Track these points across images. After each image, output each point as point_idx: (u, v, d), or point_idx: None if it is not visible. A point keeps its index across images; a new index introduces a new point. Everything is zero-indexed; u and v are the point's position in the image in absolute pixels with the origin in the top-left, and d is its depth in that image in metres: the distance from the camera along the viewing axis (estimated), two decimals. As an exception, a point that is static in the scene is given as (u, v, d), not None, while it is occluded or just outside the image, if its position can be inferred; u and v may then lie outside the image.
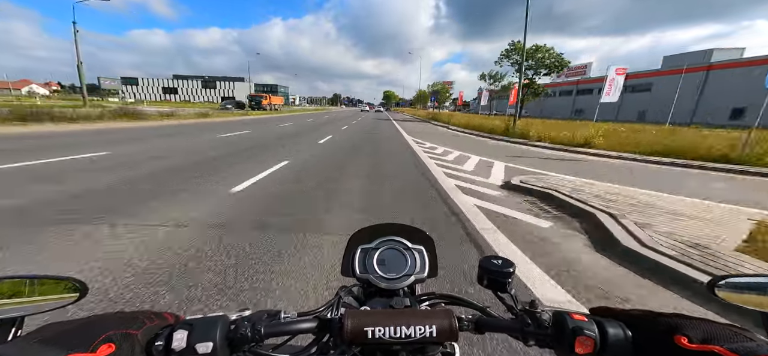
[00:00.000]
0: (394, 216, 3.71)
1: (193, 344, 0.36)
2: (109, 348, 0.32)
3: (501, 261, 0.53)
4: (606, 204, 3.85)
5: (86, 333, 0.32)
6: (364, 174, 5.98)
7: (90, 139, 8.96)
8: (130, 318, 0.37)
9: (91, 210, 3.34)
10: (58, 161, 5.76)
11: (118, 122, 14.27)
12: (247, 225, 3.11)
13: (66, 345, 0.30)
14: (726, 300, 0.43)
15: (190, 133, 12.02)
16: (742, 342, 0.31)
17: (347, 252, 0.67)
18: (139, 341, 0.35)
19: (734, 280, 0.43)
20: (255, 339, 0.41)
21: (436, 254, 0.67)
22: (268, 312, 0.46)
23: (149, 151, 7.36)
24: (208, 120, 20.37)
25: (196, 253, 2.49)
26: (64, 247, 2.51)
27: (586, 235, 3.25)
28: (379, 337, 0.39)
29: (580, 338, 0.38)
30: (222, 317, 0.40)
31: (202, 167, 5.84)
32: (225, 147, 8.72)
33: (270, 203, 3.94)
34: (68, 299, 0.41)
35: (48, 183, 4.29)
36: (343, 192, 4.59)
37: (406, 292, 0.61)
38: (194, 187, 4.45)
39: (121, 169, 5.39)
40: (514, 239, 3.07)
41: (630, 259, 2.67)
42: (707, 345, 0.32)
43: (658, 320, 0.37)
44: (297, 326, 0.45)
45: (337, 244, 2.75)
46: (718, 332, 0.33)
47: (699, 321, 0.35)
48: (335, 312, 0.51)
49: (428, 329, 0.39)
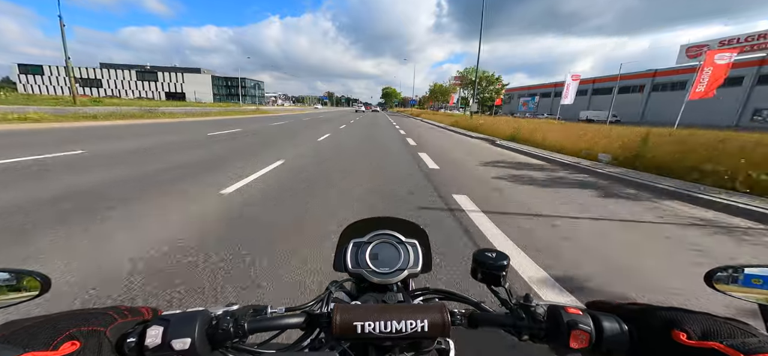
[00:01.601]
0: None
1: (169, 340, 0.34)
2: (72, 345, 0.29)
3: (495, 255, 0.53)
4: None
5: (47, 331, 0.30)
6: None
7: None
8: (98, 314, 0.35)
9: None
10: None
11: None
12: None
13: (23, 343, 0.28)
14: (724, 291, 0.42)
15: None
16: (743, 338, 0.30)
17: (339, 246, 0.65)
18: (108, 338, 0.33)
19: (733, 271, 0.43)
20: (238, 335, 0.39)
21: (430, 248, 0.66)
22: (253, 308, 0.44)
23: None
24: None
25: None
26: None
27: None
28: (369, 332, 0.37)
29: (575, 332, 0.37)
30: (202, 312, 0.38)
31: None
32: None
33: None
34: (28, 295, 0.38)
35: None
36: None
37: (399, 287, 0.60)
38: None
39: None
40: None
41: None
42: (707, 342, 0.31)
43: (656, 314, 0.36)
44: (284, 321, 0.43)
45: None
46: (717, 327, 0.32)
47: (698, 315, 0.34)
48: (325, 307, 0.49)
49: (420, 323, 0.38)
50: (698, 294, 2.02)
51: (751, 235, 3.27)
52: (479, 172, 6.15)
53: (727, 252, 2.85)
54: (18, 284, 0.38)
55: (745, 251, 2.91)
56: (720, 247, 2.93)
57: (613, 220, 3.54)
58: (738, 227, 3.51)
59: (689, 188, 4.78)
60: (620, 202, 4.31)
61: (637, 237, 3.12)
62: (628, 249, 2.80)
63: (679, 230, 3.34)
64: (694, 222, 3.60)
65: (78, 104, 20.66)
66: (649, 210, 4.01)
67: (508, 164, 7.25)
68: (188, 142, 8.47)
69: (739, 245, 3.01)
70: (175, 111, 21.83)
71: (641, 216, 3.75)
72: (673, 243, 3.01)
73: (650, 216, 3.75)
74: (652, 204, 4.29)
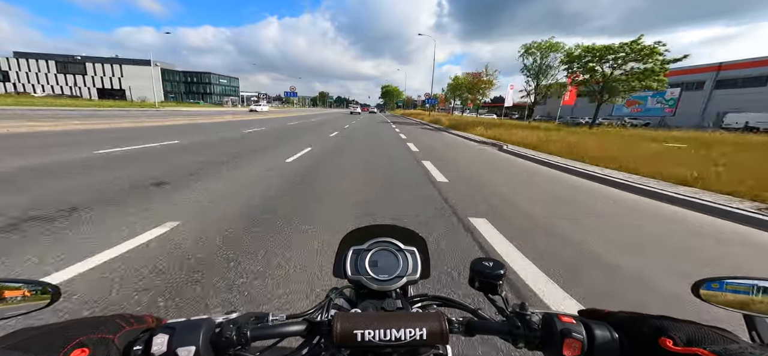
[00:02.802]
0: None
1: (175, 348, 0.35)
2: (82, 352, 0.30)
3: (492, 263, 0.54)
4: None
5: (57, 338, 0.31)
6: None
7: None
8: (105, 322, 0.36)
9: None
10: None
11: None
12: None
13: (36, 351, 0.29)
14: (710, 301, 0.44)
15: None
16: (725, 345, 0.32)
17: (339, 253, 0.66)
18: (116, 345, 0.34)
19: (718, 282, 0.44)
20: (241, 343, 0.40)
21: (428, 255, 0.67)
22: (255, 315, 0.45)
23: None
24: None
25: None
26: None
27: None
28: (368, 340, 0.38)
29: (568, 340, 0.38)
30: (206, 320, 0.39)
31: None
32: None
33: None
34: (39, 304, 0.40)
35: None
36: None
37: (398, 294, 0.61)
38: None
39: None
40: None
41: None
42: (691, 348, 0.33)
43: (645, 322, 0.38)
44: (285, 329, 0.44)
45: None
46: (702, 334, 0.34)
47: (684, 324, 0.36)
48: (325, 315, 0.50)
49: (418, 332, 0.39)
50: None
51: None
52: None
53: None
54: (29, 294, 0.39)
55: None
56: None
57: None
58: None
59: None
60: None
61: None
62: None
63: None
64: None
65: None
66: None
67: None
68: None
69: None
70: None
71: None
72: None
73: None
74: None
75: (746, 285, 0.43)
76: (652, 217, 4.11)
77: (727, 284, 0.44)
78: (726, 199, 4.60)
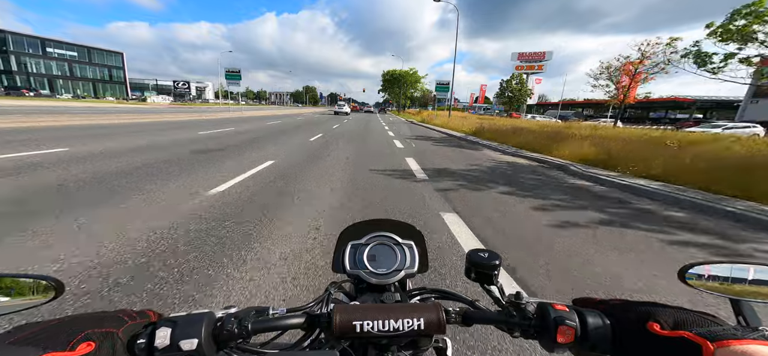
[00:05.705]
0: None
1: (177, 341, 0.36)
2: (88, 346, 0.31)
3: (487, 254, 0.54)
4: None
5: (64, 332, 0.31)
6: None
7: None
8: (110, 316, 0.36)
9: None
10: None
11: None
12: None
13: (42, 345, 0.29)
14: (696, 286, 0.46)
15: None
16: (709, 327, 0.33)
17: (337, 248, 0.66)
18: (121, 339, 0.34)
19: (703, 268, 0.46)
20: (242, 336, 0.40)
21: (426, 249, 0.68)
22: (256, 309, 0.46)
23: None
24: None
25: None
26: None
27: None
28: (367, 331, 0.39)
29: (561, 327, 0.39)
30: (207, 314, 0.40)
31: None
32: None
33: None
34: (43, 298, 0.40)
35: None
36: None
37: (396, 287, 0.62)
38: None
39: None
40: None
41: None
42: (677, 331, 0.34)
43: (634, 308, 0.39)
44: (285, 322, 0.44)
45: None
46: (687, 318, 0.35)
47: (671, 309, 0.37)
48: (325, 308, 0.51)
49: (416, 322, 0.40)
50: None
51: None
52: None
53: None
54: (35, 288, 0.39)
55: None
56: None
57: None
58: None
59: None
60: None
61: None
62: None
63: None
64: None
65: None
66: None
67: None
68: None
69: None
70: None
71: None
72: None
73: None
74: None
75: (731, 269, 0.44)
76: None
77: (712, 269, 0.45)
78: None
